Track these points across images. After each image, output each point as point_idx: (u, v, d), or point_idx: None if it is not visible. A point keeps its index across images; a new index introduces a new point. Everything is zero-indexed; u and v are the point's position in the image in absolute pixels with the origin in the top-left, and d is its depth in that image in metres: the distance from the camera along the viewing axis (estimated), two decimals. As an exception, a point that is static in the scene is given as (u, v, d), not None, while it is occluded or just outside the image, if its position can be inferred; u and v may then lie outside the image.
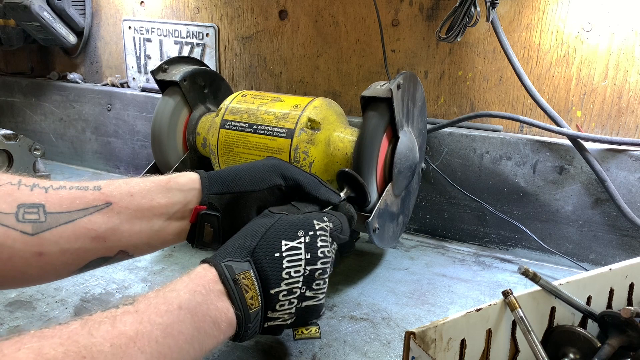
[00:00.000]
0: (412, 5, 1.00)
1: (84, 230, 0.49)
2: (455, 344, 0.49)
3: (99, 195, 0.51)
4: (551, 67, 0.92)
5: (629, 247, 0.87)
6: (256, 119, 0.84)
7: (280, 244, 0.52)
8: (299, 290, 0.52)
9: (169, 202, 0.56)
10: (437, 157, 0.99)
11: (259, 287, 0.50)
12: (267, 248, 0.52)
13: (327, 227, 0.56)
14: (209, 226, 0.58)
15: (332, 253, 0.56)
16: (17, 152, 0.96)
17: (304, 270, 0.52)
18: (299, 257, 0.52)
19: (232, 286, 0.48)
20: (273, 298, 0.51)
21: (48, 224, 0.47)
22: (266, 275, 0.51)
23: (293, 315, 0.53)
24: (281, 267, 0.51)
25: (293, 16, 1.12)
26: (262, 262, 0.51)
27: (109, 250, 0.52)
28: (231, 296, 0.48)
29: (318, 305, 0.55)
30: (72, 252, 0.49)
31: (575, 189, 0.89)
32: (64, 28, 1.33)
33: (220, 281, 0.48)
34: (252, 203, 0.59)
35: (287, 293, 0.51)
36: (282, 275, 0.51)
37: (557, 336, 0.56)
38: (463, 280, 0.84)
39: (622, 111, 0.89)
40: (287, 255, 0.52)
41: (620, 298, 0.60)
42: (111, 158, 1.37)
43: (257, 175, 0.60)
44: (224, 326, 0.47)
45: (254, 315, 0.50)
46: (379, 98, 0.75)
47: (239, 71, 1.21)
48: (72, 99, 1.39)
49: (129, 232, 0.53)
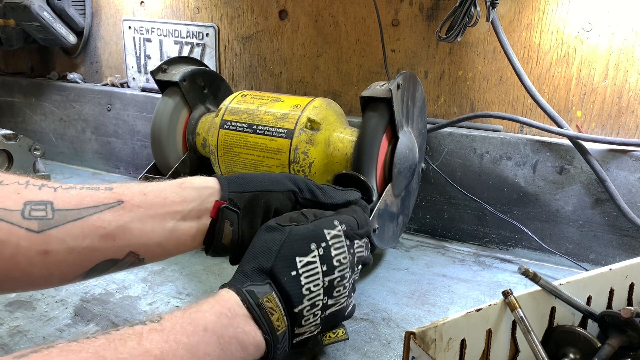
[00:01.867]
0: (412, 5, 1.00)
1: (92, 228, 0.47)
2: (455, 344, 0.49)
3: (110, 194, 0.50)
4: (551, 67, 0.92)
5: (629, 247, 0.87)
6: (256, 119, 0.84)
7: (295, 261, 0.51)
8: (321, 302, 0.52)
9: (183, 199, 0.54)
10: (437, 157, 0.99)
11: (283, 308, 0.50)
12: (284, 268, 0.51)
13: (340, 232, 0.55)
14: (229, 224, 0.55)
15: (351, 255, 0.55)
16: (17, 152, 0.96)
17: (322, 282, 0.52)
18: (316, 271, 0.52)
19: (258, 311, 0.48)
20: (298, 316, 0.50)
21: (55, 221, 0.45)
22: (287, 295, 0.50)
23: (319, 326, 0.53)
24: (300, 284, 0.51)
25: (293, 16, 1.12)
26: (281, 282, 0.50)
27: (119, 251, 0.50)
28: (257, 321, 0.48)
29: (341, 309, 0.55)
30: (79, 251, 0.47)
31: (576, 189, 0.89)
32: (63, 28, 1.33)
33: (244, 306, 0.48)
34: (272, 203, 0.58)
35: (310, 307, 0.51)
36: (302, 292, 0.51)
37: (557, 336, 0.56)
38: (463, 280, 0.84)
39: (622, 111, 0.89)
40: (304, 272, 0.51)
41: (621, 298, 0.60)
42: (111, 158, 1.37)
43: (275, 178, 0.59)
44: (252, 349, 0.47)
45: (281, 337, 0.49)
46: (378, 98, 0.75)
47: (239, 71, 1.21)
48: (72, 99, 1.39)
49: (140, 230, 0.50)
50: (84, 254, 0.47)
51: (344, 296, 0.54)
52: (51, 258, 0.45)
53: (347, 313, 0.57)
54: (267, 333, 0.48)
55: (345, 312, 0.56)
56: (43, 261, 0.45)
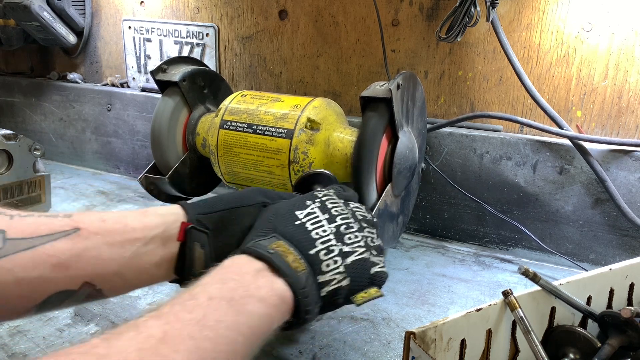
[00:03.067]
0: (412, 5, 1.00)
1: (44, 257, 0.44)
2: (455, 344, 0.49)
3: (68, 221, 0.46)
4: (551, 67, 0.92)
5: (629, 247, 0.87)
6: (256, 119, 0.84)
7: (296, 214, 0.50)
8: (336, 248, 0.49)
9: (145, 226, 0.50)
10: (437, 157, 0.99)
11: (297, 252, 0.47)
12: (286, 221, 0.49)
13: (330, 192, 0.54)
14: (199, 246, 0.52)
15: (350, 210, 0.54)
16: (17, 152, 0.96)
17: (329, 228, 0.50)
18: (319, 219, 0.51)
19: (269, 254, 0.45)
20: (315, 260, 0.48)
21: (5, 250, 0.42)
22: (297, 240, 0.48)
23: (345, 275, 0.49)
24: (307, 229, 0.49)
25: (293, 16, 1.12)
26: (288, 233, 0.48)
27: (72, 281, 0.46)
28: (273, 266, 0.44)
29: (363, 259, 0.51)
30: (28, 282, 0.43)
31: (576, 189, 0.89)
32: (63, 28, 1.33)
33: (254, 259, 0.45)
34: (243, 219, 0.55)
35: (326, 252, 0.49)
36: (312, 235, 0.49)
37: (557, 336, 0.56)
38: (463, 280, 0.84)
39: (622, 111, 0.89)
40: (308, 220, 0.50)
41: (621, 298, 0.60)
42: (111, 158, 1.37)
43: (242, 194, 0.57)
44: (275, 300, 0.43)
45: (304, 279, 0.46)
46: (378, 98, 0.75)
47: (239, 71, 1.21)
48: (72, 99, 1.39)
49: (96, 259, 0.46)
50: (34, 285, 0.44)
51: (358, 245, 0.51)
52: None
53: (376, 272, 0.52)
54: (286, 275, 0.44)
55: (373, 268, 0.52)
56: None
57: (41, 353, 0.62)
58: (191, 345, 0.35)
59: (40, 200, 1.02)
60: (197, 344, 0.36)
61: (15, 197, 0.97)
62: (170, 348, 0.34)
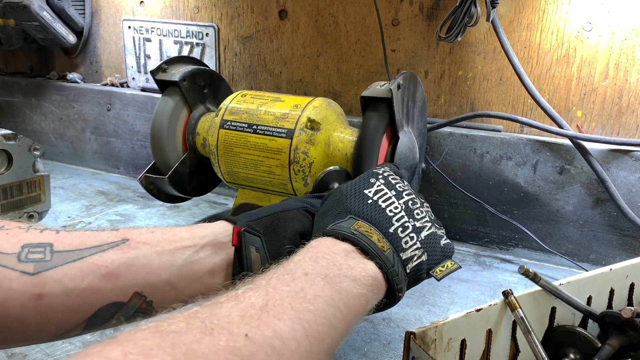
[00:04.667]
0: (412, 4, 1.00)
1: (93, 267, 0.43)
2: (456, 344, 0.49)
3: (115, 233, 0.46)
4: (551, 66, 0.92)
5: (630, 247, 0.87)
6: (256, 119, 0.83)
7: (365, 193, 0.50)
8: (409, 225, 0.50)
9: (194, 235, 0.49)
10: (437, 157, 0.99)
11: (378, 231, 0.47)
12: (359, 201, 0.49)
13: (387, 169, 0.55)
14: (255, 250, 0.51)
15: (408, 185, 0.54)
16: (16, 152, 0.95)
17: (399, 205, 0.50)
18: (388, 196, 0.51)
19: (357, 235, 0.45)
20: (395, 237, 0.48)
21: (53, 262, 0.42)
22: (375, 219, 0.48)
23: (422, 250, 0.50)
24: (381, 207, 0.49)
25: (293, 16, 1.11)
26: (363, 213, 0.48)
27: (122, 292, 0.45)
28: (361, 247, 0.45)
29: (432, 233, 0.52)
30: (77, 293, 0.42)
31: (576, 189, 0.89)
32: (63, 28, 1.33)
33: (339, 241, 0.45)
34: (290, 222, 0.54)
35: (402, 229, 0.49)
36: (387, 213, 0.49)
37: (558, 336, 0.56)
38: (463, 280, 0.84)
39: (622, 111, 0.89)
40: (378, 198, 0.50)
41: (621, 298, 0.60)
42: (111, 158, 1.37)
43: (282, 202, 0.57)
44: (369, 281, 0.43)
45: (391, 258, 0.46)
46: (378, 98, 0.75)
47: (239, 71, 1.20)
48: (72, 98, 1.39)
49: (146, 267, 0.46)
50: (83, 296, 0.43)
51: (426, 220, 0.52)
52: (46, 302, 0.41)
53: (445, 244, 0.53)
54: (376, 256, 0.45)
55: (442, 241, 0.53)
56: (37, 306, 0.41)
57: (41, 353, 0.61)
58: (293, 315, 0.35)
59: (40, 200, 1.01)
60: (299, 314, 0.36)
61: (14, 197, 0.97)
62: (273, 316, 0.34)
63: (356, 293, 0.41)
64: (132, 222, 1.03)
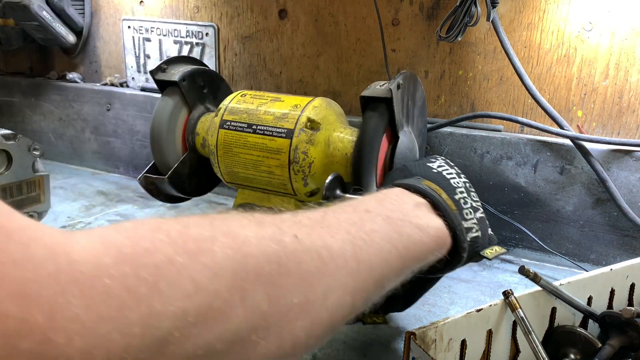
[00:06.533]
0: (413, 4, 1.00)
1: None
2: (456, 344, 0.49)
3: None
4: (552, 66, 0.92)
5: (630, 248, 0.87)
6: (255, 119, 0.83)
7: (430, 166, 0.51)
8: (468, 201, 0.50)
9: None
10: (437, 157, 0.99)
11: (445, 193, 0.47)
12: (424, 169, 0.50)
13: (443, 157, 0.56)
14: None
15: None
16: (16, 152, 0.95)
17: (460, 182, 0.51)
18: (450, 172, 0.51)
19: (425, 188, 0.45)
20: (459, 205, 0.48)
21: None
22: (441, 184, 0.48)
23: (478, 227, 0.49)
24: (446, 177, 0.50)
25: (293, 15, 1.11)
26: (430, 176, 0.49)
27: None
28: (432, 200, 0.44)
29: (484, 217, 0.52)
30: None
31: (576, 189, 0.89)
32: (63, 28, 1.33)
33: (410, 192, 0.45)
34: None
35: (463, 202, 0.49)
36: (451, 183, 0.49)
37: (558, 337, 0.56)
38: (463, 280, 0.84)
39: (622, 111, 0.88)
40: (442, 170, 0.51)
41: (621, 298, 0.60)
42: (110, 158, 1.36)
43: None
44: (433, 232, 0.43)
45: (456, 220, 0.46)
46: (378, 98, 0.75)
47: (239, 71, 1.20)
48: (72, 98, 1.39)
49: None
50: None
51: (479, 203, 0.52)
52: None
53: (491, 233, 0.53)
54: (445, 211, 0.44)
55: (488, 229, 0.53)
56: None
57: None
58: (346, 237, 0.35)
59: (40, 201, 1.01)
60: (352, 239, 0.35)
61: (14, 197, 0.97)
62: (326, 231, 0.34)
63: (417, 239, 0.41)
64: (131, 222, 1.03)
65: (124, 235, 0.25)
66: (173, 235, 0.27)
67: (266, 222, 0.32)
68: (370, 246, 0.36)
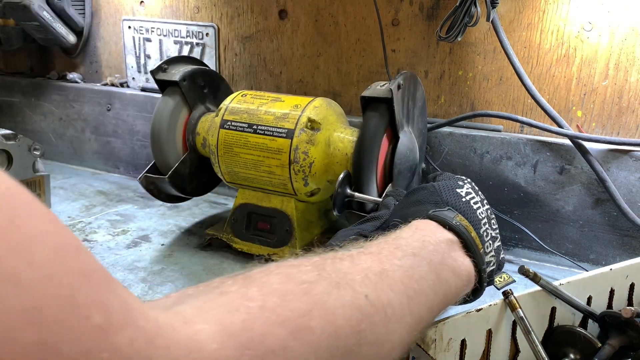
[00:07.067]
0: (412, 4, 1.00)
1: None
2: (456, 344, 0.49)
3: None
4: (551, 66, 0.92)
5: (630, 247, 0.87)
6: (256, 119, 0.83)
7: (458, 192, 0.51)
8: (489, 231, 0.50)
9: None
10: (437, 157, 0.99)
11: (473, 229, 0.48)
12: (453, 197, 0.50)
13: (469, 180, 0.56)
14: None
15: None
16: (16, 152, 0.95)
17: (484, 211, 0.51)
18: (476, 200, 0.51)
19: (461, 229, 0.45)
20: (482, 238, 0.48)
21: None
22: (469, 217, 0.48)
23: (495, 258, 0.51)
24: (473, 208, 0.50)
25: (293, 16, 1.11)
26: (459, 208, 0.49)
27: None
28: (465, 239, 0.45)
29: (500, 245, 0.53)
30: None
31: (576, 189, 0.89)
32: (63, 28, 1.33)
33: (443, 228, 0.46)
34: None
35: (485, 234, 0.49)
36: (478, 216, 0.49)
37: (558, 336, 0.56)
38: (463, 280, 0.84)
39: (622, 111, 0.89)
40: (470, 199, 0.51)
41: (621, 298, 0.60)
42: (111, 158, 1.37)
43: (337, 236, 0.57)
44: (465, 276, 0.44)
45: (482, 258, 0.47)
46: (379, 98, 0.75)
47: (239, 71, 1.20)
48: (72, 98, 1.39)
49: None
50: None
51: (498, 231, 0.52)
52: None
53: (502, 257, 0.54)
54: (475, 253, 0.45)
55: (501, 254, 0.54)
56: None
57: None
58: (402, 289, 0.37)
59: (40, 201, 1.01)
60: (406, 291, 0.37)
61: (15, 197, 0.97)
62: (387, 285, 0.36)
63: (453, 284, 0.43)
64: (132, 222, 1.03)
65: (238, 318, 0.27)
66: (279, 312, 0.29)
67: (341, 282, 0.34)
68: (420, 296, 0.38)
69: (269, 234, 0.88)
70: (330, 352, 0.30)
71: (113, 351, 0.20)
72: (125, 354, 0.20)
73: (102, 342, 0.20)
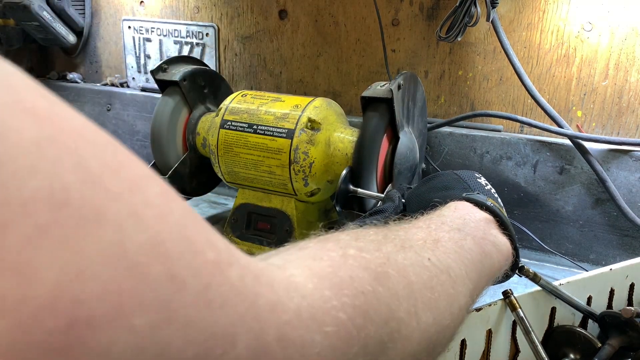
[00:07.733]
0: (412, 4, 1.00)
1: None
2: (455, 344, 0.49)
3: None
4: (551, 66, 0.92)
5: (630, 247, 0.87)
6: (256, 119, 0.83)
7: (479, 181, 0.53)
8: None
9: None
10: (437, 157, 0.99)
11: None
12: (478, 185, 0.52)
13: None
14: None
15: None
16: (16, 152, 0.96)
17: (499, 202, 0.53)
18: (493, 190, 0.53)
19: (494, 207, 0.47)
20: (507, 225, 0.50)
21: None
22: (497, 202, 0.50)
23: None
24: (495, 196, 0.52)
25: (293, 16, 1.11)
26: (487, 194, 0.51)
27: None
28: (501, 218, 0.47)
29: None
30: None
31: (576, 189, 0.89)
32: (63, 28, 1.33)
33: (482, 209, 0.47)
34: None
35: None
36: (499, 202, 0.51)
37: (558, 336, 0.56)
38: (463, 280, 0.84)
39: (622, 111, 0.89)
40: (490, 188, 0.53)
41: (621, 298, 0.60)
42: (111, 158, 1.36)
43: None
44: (505, 250, 0.46)
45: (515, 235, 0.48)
46: (379, 98, 0.75)
47: (239, 71, 1.20)
48: (72, 98, 1.39)
49: None
50: None
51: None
52: None
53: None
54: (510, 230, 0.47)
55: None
56: None
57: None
58: (457, 257, 0.38)
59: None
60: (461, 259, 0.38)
61: (15, 197, 0.97)
62: (443, 252, 0.37)
63: (495, 258, 0.44)
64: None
65: (325, 264, 0.28)
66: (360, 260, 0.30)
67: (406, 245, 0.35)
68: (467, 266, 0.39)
69: (269, 234, 0.88)
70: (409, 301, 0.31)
71: (230, 285, 0.21)
72: (238, 287, 0.21)
73: (219, 276, 0.21)
